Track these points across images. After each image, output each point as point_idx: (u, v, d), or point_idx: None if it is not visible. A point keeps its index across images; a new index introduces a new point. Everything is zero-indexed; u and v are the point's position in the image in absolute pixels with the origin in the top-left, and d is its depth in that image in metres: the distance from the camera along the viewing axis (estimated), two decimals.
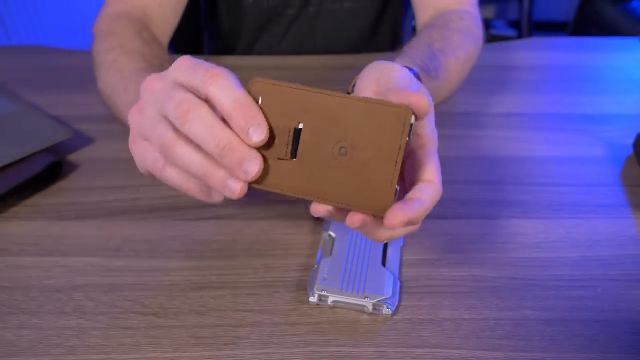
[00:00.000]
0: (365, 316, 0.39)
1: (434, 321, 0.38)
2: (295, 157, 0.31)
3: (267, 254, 0.44)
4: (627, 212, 0.49)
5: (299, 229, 0.46)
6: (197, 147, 0.30)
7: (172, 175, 0.33)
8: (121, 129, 0.60)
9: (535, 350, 0.36)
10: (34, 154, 0.51)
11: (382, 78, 0.35)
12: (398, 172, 0.29)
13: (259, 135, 0.29)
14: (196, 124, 0.29)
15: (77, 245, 0.45)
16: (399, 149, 0.29)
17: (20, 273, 0.42)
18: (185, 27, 0.76)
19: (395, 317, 0.39)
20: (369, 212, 0.30)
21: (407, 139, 0.29)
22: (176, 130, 0.31)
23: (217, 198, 0.34)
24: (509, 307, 0.39)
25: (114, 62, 0.53)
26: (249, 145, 0.30)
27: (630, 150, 0.57)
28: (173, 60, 0.32)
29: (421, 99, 0.29)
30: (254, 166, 0.29)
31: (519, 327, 0.38)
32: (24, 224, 0.47)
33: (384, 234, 0.32)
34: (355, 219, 0.30)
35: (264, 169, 0.30)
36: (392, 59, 0.45)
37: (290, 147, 0.31)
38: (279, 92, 0.31)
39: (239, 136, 0.29)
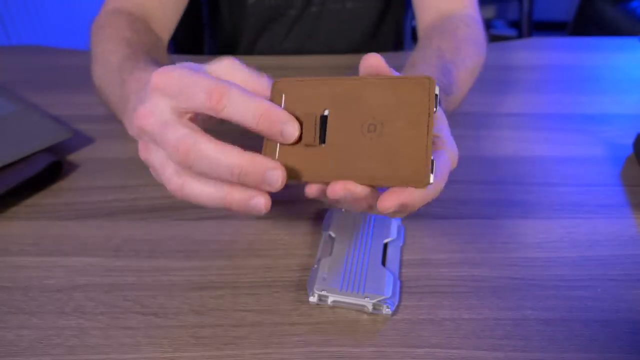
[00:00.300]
0: (365, 316, 0.39)
1: (434, 321, 0.38)
2: (324, 143, 0.30)
3: (267, 254, 0.44)
4: (627, 212, 0.49)
5: (299, 229, 0.46)
6: (208, 181, 0.29)
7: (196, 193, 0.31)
8: (121, 129, 0.60)
9: (535, 350, 0.36)
10: (34, 154, 0.51)
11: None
12: (431, 139, 0.29)
13: (291, 133, 0.30)
14: (201, 163, 0.28)
15: (77, 245, 0.45)
16: (429, 117, 0.29)
17: (20, 273, 0.42)
18: (186, 26, 0.76)
19: (395, 317, 0.39)
20: (407, 185, 0.29)
21: (435, 109, 0.29)
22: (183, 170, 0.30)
23: (259, 205, 0.31)
24: (509, 307, 0.39)
25: (102, 53, 0.52)
26: (285, 144, 0.30)
27: (630, 150, 0.57)
28: (172, 59, 0.31)
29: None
30: (277, 176, 0.29)
31: (519, 327, 0.38)
32: (24, 224, 0.47)
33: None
34: (346, 187, 0.28)
35: (295, 162, 0.30)
36: (407, 73, 0.46)
37: (317, 133, 0.30)
38: (300, 86, 0.31)
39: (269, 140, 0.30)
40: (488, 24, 2.40)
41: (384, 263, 0.42)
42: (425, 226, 0.47)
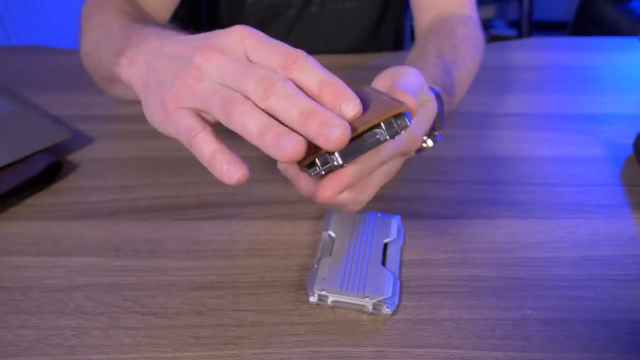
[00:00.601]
0: (365, 316, 0.39)
1: (434, 321, 0.38)
2: None
3: (267, 254, 0.44)
4: (627, 212, 0.49)
5: (299, 229, 0.46)
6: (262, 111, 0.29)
7: (204, 144, 0.32)
8: (121, 129, 0.60)
9: (535, 350, 0.36)
10: (34, 154, 0.51)
11: (394, 79, 0.36)
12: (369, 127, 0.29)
13: (352, 108, 0.29)
14: (281, 96, 0.28)
15: (77, 245, 0.45)
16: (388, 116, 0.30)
17: (20, 273, 0.42)
18: (186, 26, 0.76)
19: (395, 317, 0.39)
20: (391, 113, 0.29)
21: (399, 132, 0.30)
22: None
23: (232, 176, 0.31)
24: (509, 307, 0.39)
25: (98, 21, 0.51)
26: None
27: (630, 150, 0.57)
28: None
29: (410, 99, 0.31)
30: (339, 129, 0.27)
31: (519, 327, 0.38)
32: (24, 224, 0.47)
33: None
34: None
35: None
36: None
37: None
38: None
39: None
40: (488, 24, 2.40)
41: (384, 263, 0.42)
42: (425, 226, 0.47)
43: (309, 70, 0.29)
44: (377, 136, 0.29)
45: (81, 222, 0.47)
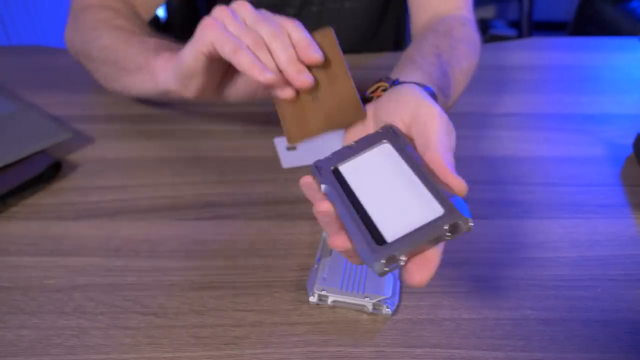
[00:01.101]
0: (365, 316, 0.39)
1: (434, 321, 0.38)
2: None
3: (267, 254, 0.44)
4: (627, 212, 0.49)
5: (299, 229, 0.46)
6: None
7: (245, 56, 0.40)
8: (121, 129, 0.60)
9: (535, 350, 0.36)
10: (34, 154, 0.51)
11: (416, 124, 0.34)
12: (318, 134, 0.40)
13: (314, 57, 0.40)
14: (280, 42, 0.40)
15: (77, 245, 0.45)
16: (336, 128, 0.39)
17: (20, 273, 0.42)
18: (184, 25, 0.76)
19: (395, 317, 0.39)
20: (287, 133, 0.41)
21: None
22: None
23: (267, 76, 0.40)
24: (509, 307, 0.39)
25: (122, 25, 0.58)
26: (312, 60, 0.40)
27: (630, 150, 0.57)
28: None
29: (460, 182, 0.32)
30: (305, 76, 0.40)
31: (519, 327, 0.38)
32: (24, 224, 0.47)
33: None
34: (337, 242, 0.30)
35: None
36: (405, 67, 0.46)
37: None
38: (327, 40, 0.42)
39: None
40: (488, 24, 2.40)
41: None
42: None
43: (299, 30, 0.41)
44: (441, 236, 0.30)
45: (81, 222, 0.47)
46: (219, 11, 0.43)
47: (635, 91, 0.69)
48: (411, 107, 0.35)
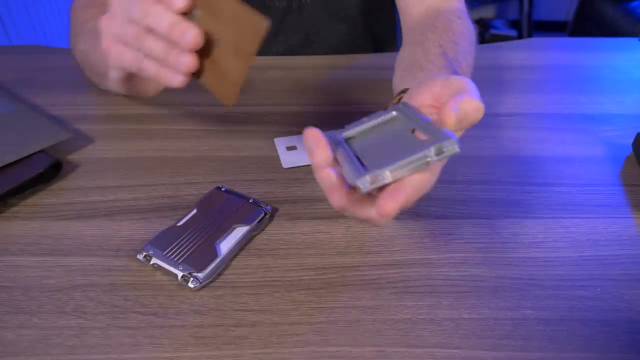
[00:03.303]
0: (365, 316, 0.39)
1: (434, 321, 0.38)
2: None
3: (268, 254, 0.44)
4: (627, 212, 0.49)
5: (299, 229, 0.46)
6: (159, 36, 0.41)
7: (149, 66, 0.42)
8: (121, 129, 0.60)
9: (535, 350, 0.36)
10: (34, 154, 0.51)
11: (448, 89, 0.36)
12: (245, 76, 0.39)
13: (178, 4, 0.39)
14: (154, 15, 0.40)
15: (77, 245, 0.45)
16: (251, 55, 0.38)
17: (20, 273, 0.42)
18: None
19: (395, 317, 0.39)
20: (219, 97, 0.40)
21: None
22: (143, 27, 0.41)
23: (174, 81, 0.41)
24: (509, 307, 0.39)
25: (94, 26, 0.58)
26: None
27: (630, 150, 0.57)
28: None
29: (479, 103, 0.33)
30: (189, 35, 0.39)
31: (519, 327, 0.38)
32: (24, 224, 0.47)
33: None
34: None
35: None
36: (418, 77, 0.46)
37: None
38: None
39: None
40: (488, 24, 2.40)
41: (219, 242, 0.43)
42: (425, 226, 0.47)
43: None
44: (427, 159, 0.31)
45: (81, 222, 0.47)
46: (101, 22, 0.44)
47: (635, 91, 0.69)
48: (440, 81, 0.37)
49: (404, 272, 0.42)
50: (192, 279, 0.40)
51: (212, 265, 0.41)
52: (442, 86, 0.37)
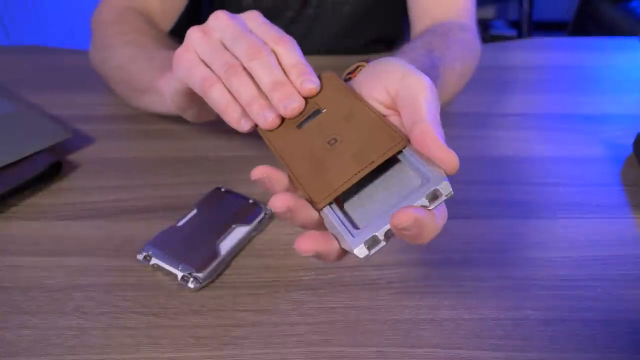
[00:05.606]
0: (365, 316, 0.39)
1: (434, 321, 0.38)
2: (300, 128, 0.33)
3: (267, 254, 0.44)
4: (627, 212, 0.49)
5: (298, 229, 0.46)
6: (249, 76, 0.35)
7: (217, 95, 0.35)
8: (121, 129, 0.60)
9: (535, 350, 0.36)
10: (34, 154, 0.51)
11: (404, 95, 0.31)
12: (353, 183, 0.29)
13: (310, 86, 0.34)
14: (262, 62, 0.34)
15: (77, 245, 0.45)
16: (371, 164, 0.29)
17: (20, 273, 0.42)
18: (185, 27, 0.75)
19: (395, 317, 0.39)
20: (306, 196, 0.31)
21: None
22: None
23: (244, 127, 0.36)
24: (509, 307, 0.39)
25: (133, 40, 0.56)
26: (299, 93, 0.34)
27: (630, 150, 0.57)
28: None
29: (453, 157, 0.28)
30: (295, 103, 0.33)
31: (519, 327, 0.38)
32: (24, 224, 0.47)
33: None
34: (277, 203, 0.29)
35: (278, 128, 0.34)
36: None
37: (303, 118, 0.34)
38: (331, 82, 0.35)
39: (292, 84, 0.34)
40: (488, 24, 2.40)
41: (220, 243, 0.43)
42: None
43: (291, 50, 0.35)
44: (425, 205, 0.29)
45: (81, 222, 0.47)
46: (192, 32, 0.38)
47: (635, 91, 0.69)
48: (397, 77, 0.32)
49: (404, 272, 0.42)
50: (192, 279, 0.40)
51: (212, 265, 0.41)
52: (400, 85, 0.31)
